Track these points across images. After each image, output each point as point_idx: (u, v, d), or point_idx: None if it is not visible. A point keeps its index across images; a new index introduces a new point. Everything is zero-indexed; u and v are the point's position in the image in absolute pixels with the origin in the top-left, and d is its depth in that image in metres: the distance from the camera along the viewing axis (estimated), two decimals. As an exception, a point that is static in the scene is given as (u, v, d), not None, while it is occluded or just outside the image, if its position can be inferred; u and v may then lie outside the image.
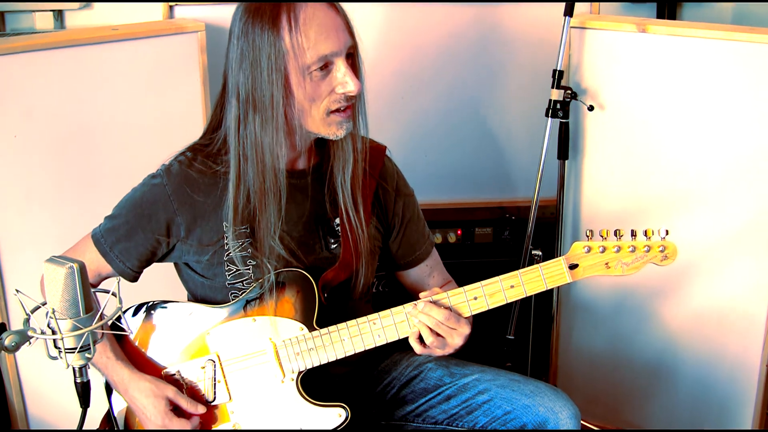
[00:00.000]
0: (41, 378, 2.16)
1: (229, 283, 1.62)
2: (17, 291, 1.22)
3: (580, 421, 1.60)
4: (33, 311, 1.22)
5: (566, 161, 2.32)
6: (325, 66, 1.48)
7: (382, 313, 1.58)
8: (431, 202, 2.59)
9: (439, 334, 1.55)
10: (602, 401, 2.47)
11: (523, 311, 2.36)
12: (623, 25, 2.17)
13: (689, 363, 2.29)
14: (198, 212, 1.60)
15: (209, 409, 1.62)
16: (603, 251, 1.53)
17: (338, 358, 1.59)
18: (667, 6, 2.59)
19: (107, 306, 1.24)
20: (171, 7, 2.37)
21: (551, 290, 1.96)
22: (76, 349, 1.20)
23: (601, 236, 1.52)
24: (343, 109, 1.53)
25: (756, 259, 2.12)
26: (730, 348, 2.21)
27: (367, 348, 1.59)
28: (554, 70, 2.22)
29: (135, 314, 1.65)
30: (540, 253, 2.28)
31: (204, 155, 1.61)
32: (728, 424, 2.26)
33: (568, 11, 2.19)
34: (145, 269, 1.67)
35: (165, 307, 1.64)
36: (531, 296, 1.56)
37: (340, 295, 1.67)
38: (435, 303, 1.55)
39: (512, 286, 1.54)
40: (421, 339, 1.57)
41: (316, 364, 1.59)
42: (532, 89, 2.47)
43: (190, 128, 2.08)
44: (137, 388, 1.58)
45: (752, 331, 2.15)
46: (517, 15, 2.51)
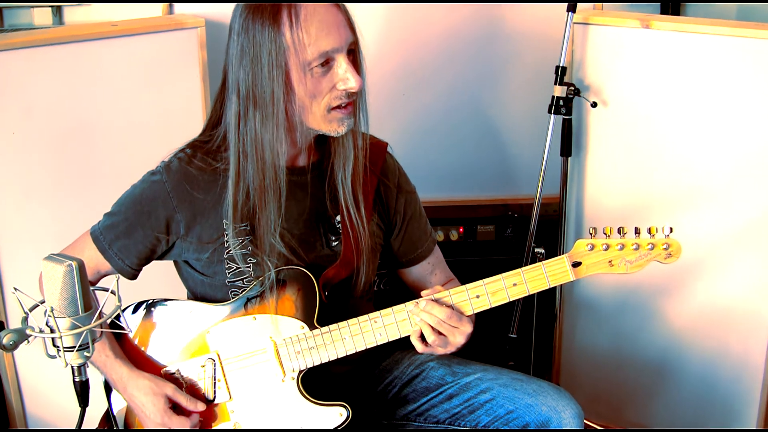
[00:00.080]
0: (40, 377, 2.15)
1: (229, 281, 1.61)
2: (15, 289, 1.22)
3: (583, 421, 1.60)
4: (31, 309, 1.22)
5: (569, 158, 2.32)
6: (326, 62, 1.48)
7: (384, 312, 1.57)
8: (433, 199, 2.58)
9: (441, 333, 1.54)
10: (605, 400, 2.46)
11: (525, 309, 2.36)
12: (627, 21, 2.17)
13: (693, 361, 2.28)
14: (197, 209, 1.59)
15: (209, 408, 1.61)
16: (606, 249, 1.52)
17: (339, 357, 1.58)
18: (671, 6, 2.58)
19: (106, 304, 1.24)
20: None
21: (554, 288, 1.96)
22: (74, 347, 1.19)
23: (605, 234, 1.51)
24: (344, 105, 1.52)
25: (761, 257, 2.11)
26: (735, 346, 2.20)
27: (369, 346, 1.58)
28: (557, 67, 2.21)
29: (134, 312, 1.65)
30: (543, 251, 2.28)
31: (204, 152, 1.61)
32: (732, 423, 2.25)
33: (571, 7, 2.18)
34: (145, 267, 1.66)
35: (164, 305, 1.64)
36: (533, 294, 1.55)
37: (341, 293, 1.66)
38: (437, 301, 1.54)
39: (515, 284, 1.54)
40: (422, 337, 1.56)
41: (317, 363, 1.59)
42: (535, 85, 2.47)
43: (190, 125, 2.06)
44: (136, 386, 1.58)
45: (757, 329, 2.15)
46: (520, 11, 2.51)
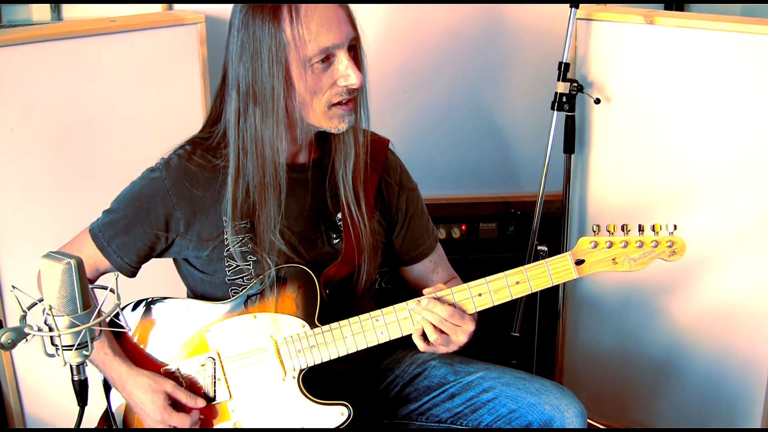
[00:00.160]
0: (38, 376, 2.15)
1: (229, 279, 1.61)
2: (14, 287, 1.21)
3: (587, 420, 1.59)
4: (30, 308, 1.21)
5: (572, 155, 2.31)
6: (327, 58, 1.47)
7: (385, 310, 1.57)
8: (435, 196, 2.57)
9: (443, 332, 1.54)
10: (609, 399, 2.46)
11: (528, 308, 2.36)
12: (630, 17, 2.17)
13: (697, 360, 2.27)
14: (197, 207, 1.58)
15: (209, 407, 1.61)
16: (610, 246, 1.51)
17: (340, 356, 1.58)
18: (674, 4, 2.58)
19: (105, 302, 1.23)
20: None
21: (557, 286, 1.95)
22: (73, 346, 1.19)
23: (608, 231, 1.51)
24: (345, 102, 1.51)
25: (766, 255, 2.10)
26: (739, 345, 2.19)
27: (370, 345, 1.57)
28: (560, 63, 2.21)
29: (133, 310, 1.64)
30: (545, 249, 2.28)
31: (203, 149, 1.60)
32: (737, 422, 2.24)
33: (574, 3, 2.17)
34: (144, 265, 1.66)
35: (164, 304, 1.64)
36: (536, 292, 1.54)
37: (342, 292, 1.65)
38: (439, 299, 1.54)
39: (517, 283, 1.53)
40: (424, 336, 1.55)
41: (318, 362, 1.58)
42: (538, 82, 2.47)
43: (190, 121, 2.08)
44: (135, 383, 1.57)
45: (762, 327, 2.14)
46: (522, 6, 2.51)
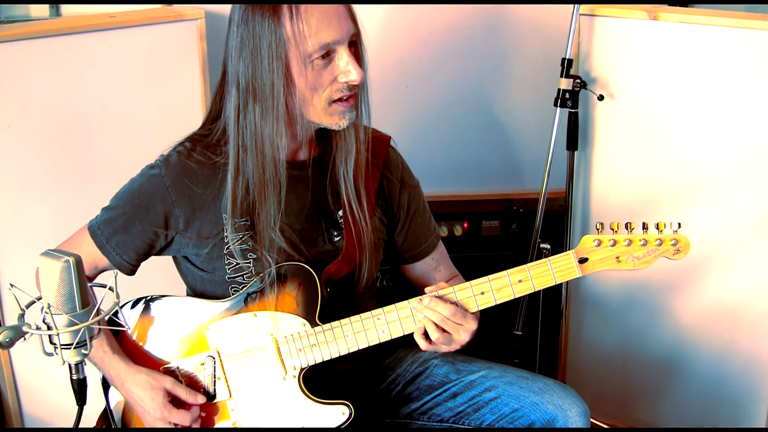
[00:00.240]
0: (36, 375, 2.14)
1: (229, 277, 1.60)
2: (12, 285, 1.21)
3: (590, 419, 1.59)
4: (28, 306, 1.21)
5: (575, 152, 2.31)
6: (327, 54, 1.46)
7: (387, 309, 1.56)
8: (437, 193, 2.57)
9: (445, 330, 1.53)
10: (612, 398, 2.45)
11: (531, 306, 2.36)
12: (634, 13, 2.16)
13: (701, 359, 2.26)
14: (197, 204, 1.58)
15: (208, 406, 1.60)
16: (613, 245, 1.50)
17: (341, 355, 1.57)
18: (678, 0, 2.58)
19: (104, 301, 1.22)
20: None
21: (560, 284, 1.94)
22: (72, 345, 1.19)
23: (612, 229, 1.50)
24: (345, 98, 1.51)
25: (770, 253, 2.09)
26: (743, 343, 2.18)
27: (371, 344, 1.57)
28: (563, 59, 2.20)
29: (132, 308, 1.63)
30: (548, 247, 2.28)
31: (203, 146, 1.60)
32: (741, 421, 2.23)
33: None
34: (143, 263, 1.65)
35: (163, 302, 1.63)
36: (539, 291, 1.53)
37: (344, 290, 1.65)
38: (441, 298, 1.53)
39: (520, 281, 1.52)
40: (426, 335, 1.55)
41: (319, 361, 1.57)
42: (541, 78, 2.46)
43: (190, 118, 2.07)
44: (134, 381, 1.56)
45: (766, 325, 2.13)
46: (525, 1, 2.49)
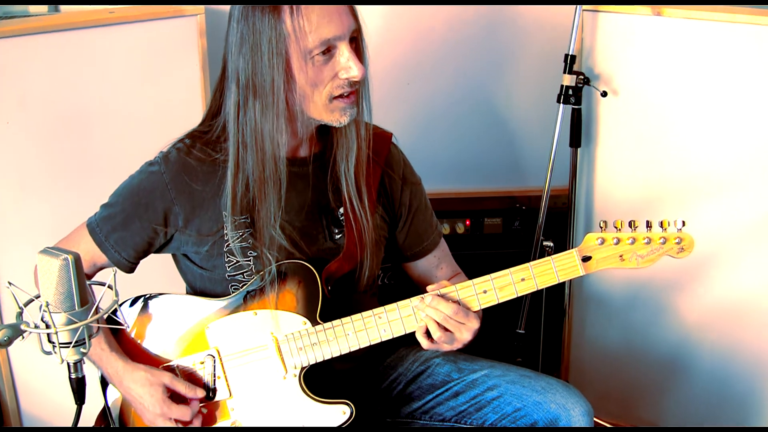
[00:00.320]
0: (35, 373, 2.14)
1: (229, 275, 1.59)
2: (10, 283, 1.20)
3: (593, 418, 1.58)
4: (26, 304, 1.21)
5: (578, 149, 2.30)
6: (328, 50, 1.45)
7: (388, 307, 1.55)
8: (439, 191, 2.56)
9: (447, 329, 1.52)
10: (615, 397, 2.45)
11: (534, 305, 2.36)
12: (638, 8, 2.15)
13: (705, 357, 2.26)
14: (196, 201, 1.57)
15: (208, 405, 1.59)
16: (617, 243, 1.50)
17: (342, 353, 1.56)
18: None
19: (103, 299, 1.22)
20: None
21: (563, 283, 1.93)
22: (70, 343, 1.18)
23: (615, 227, 1.49)
24: (346, 94, 1.50)
25: (775, 251, 2.08)
26: (748, 342, 2.18)
27: (373, 343, 1.56)
28: (566, 55, 2.20)
29: (131, 306, 1.63)
30: (551, 245, 2.28)
31: (203, 142, 1.59)
32: (745, 420, 2.23)
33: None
34: (142, 260, 1.64)
35: (162, 300, 1.62)
36: (542, 289, 1.53)
37: (345, 288, 1.64)
38: (443, 296, 1.52)
39: (523, 279, 1.52)
40: (428, 334, 1.54)
41: (320, 360, 1.57)
42: (544, 74, 2.46)
43: (189, 114, 2.07)
44: (132, 378, 1.56)
45: (771, 324, 2.12)
46: (527, 1, 2.49)
